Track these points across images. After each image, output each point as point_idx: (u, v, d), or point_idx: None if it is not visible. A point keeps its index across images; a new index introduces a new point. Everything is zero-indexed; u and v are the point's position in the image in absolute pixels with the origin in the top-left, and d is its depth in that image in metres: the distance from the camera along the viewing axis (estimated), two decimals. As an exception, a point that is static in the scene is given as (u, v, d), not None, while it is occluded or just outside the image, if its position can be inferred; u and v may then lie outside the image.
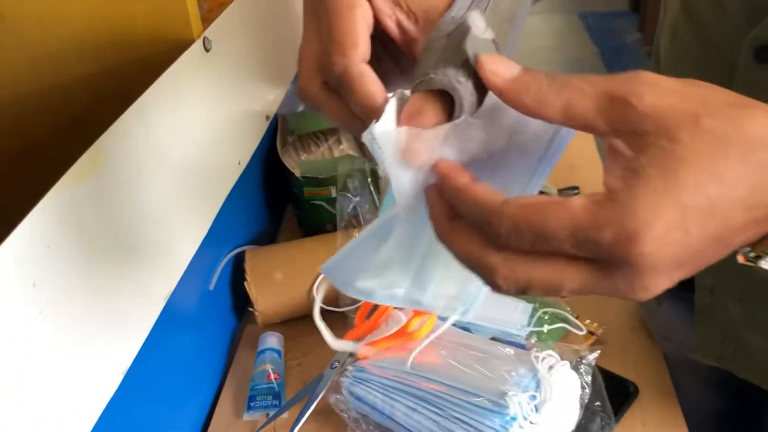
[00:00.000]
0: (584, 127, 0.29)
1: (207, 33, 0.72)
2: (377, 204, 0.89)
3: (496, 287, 0.30)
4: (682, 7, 0.65)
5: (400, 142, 0.33)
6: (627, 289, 0.28)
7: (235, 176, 0.82)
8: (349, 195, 0.88)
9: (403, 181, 0.33)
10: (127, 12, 0.71)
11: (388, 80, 0.36)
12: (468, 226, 0.31)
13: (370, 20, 0.36)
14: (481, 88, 0.33)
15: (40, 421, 0.44)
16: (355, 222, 0.86)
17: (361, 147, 1.02)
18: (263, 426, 0.69)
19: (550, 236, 0.28)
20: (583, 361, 0.65)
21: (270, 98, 0.99)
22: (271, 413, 0.70)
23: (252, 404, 0.71)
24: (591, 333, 0.77)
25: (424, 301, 0.37)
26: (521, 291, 0.30)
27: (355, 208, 0.88)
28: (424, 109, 0.33)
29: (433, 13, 0.36)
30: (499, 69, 0.31)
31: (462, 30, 0.34)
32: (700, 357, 0.66)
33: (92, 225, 0.52)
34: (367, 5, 0.36)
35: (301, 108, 1.15)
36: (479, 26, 0.34)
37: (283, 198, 1.04)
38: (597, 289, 0.29)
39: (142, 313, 0.59)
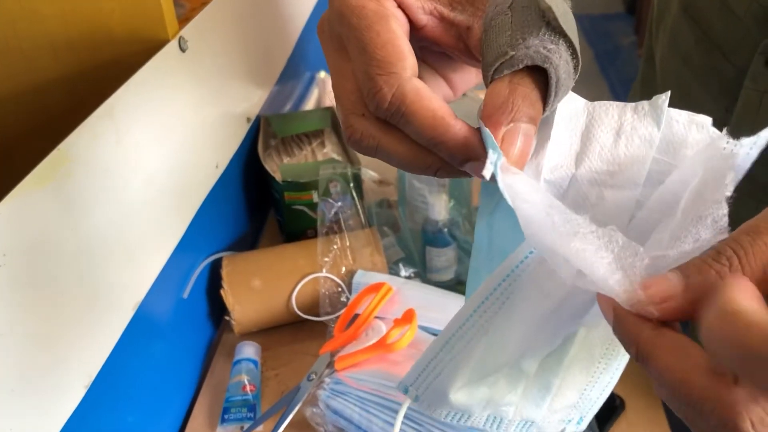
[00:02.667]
0: None
1: (183, 33, 0.70)
2: (359, 209, 0.86)
3: None
4: (683, 11, 0.63)
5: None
6: None
7: (213, 180, 0.80)
8: (330, 200, 0.86)
9: (546, 245, 0.24)
10: (102, 11, 0.69)
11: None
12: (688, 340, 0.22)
13: (406, 26, 0.29)
14: (574, 52, 0.27)
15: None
16: (337, 228, 0.84)
17: (345, 150, 1.00)
18: (237, 439, 0.67)
19: None
20: (567, 375, 0.63)
21: (252, 100, 0.96)
22: (246, 426, 0.68)
23: (226, 417, 0.69)
24: (576, 344, 0.75)
25: (539, 418, 0.29)
26: None
27: (337, 213, 0.86)
28: (518, 91, 0.25)
29: None
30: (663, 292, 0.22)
31: None
32: None
33: (55, 231, 0.49)
34: (399, 11, 0.29)
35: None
36: None
37: (264, 203, 1.02)
38: None
39: (109, 322, 0.57)
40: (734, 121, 0.56)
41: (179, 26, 0.71)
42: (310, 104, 1.28)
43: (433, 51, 0.33)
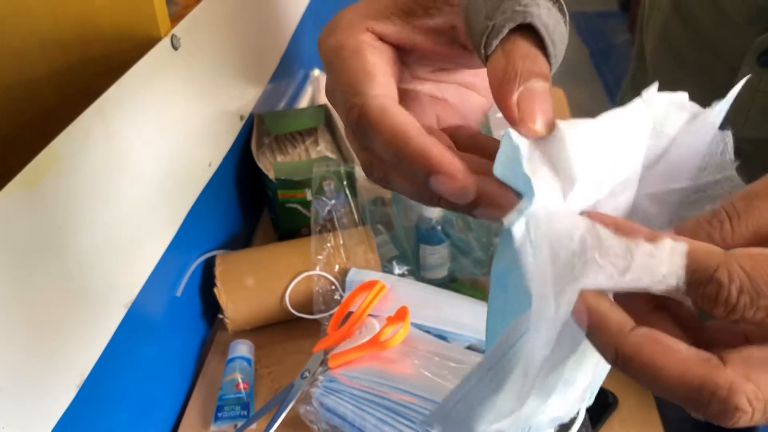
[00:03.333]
0: None
1: (176, 30, 0.70)
2: (353, 207, 0.86)
3: (732, 415, 0.21)
4: (674, 9, 0.63)
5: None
6: None
7: (206, 178, 0.80)
8: (324, 198, 0.85)
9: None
10: (92, 8, 0.69)
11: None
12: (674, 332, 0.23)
13: (388, 54, 0.29)
14: (561, 6, 0.26)
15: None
16: (331, 226, 0.84)
17: (339, 148, 1.00)
18: (231, 438, 0.67)
19: None
20: (560, 372, 0.63)
21: (245, 98, 0.96)
22: (239, 424, 0.68)
23: (219, 414, 0.69)
24: (570, 341, 0.75)
25: (564, 411, 0.28)
26: None
27: (330, 211, 0.86)
28: (515, 54, 0.24)
29: None
30: None
31: None
32: None
33: (45, 230, 0.49)
34: (378, 43, 0.29)
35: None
36: None
37: (258, 201, 1.02)
38: None
39: (101, 320, 0.57)
40: (726, 119, 0.56)
41: (171, 24, 0.71)
42: (303, 102, 1.28)
43: (447, 69, 0.32)
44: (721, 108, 0.26)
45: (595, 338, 0.23)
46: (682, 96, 0.27)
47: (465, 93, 0.33)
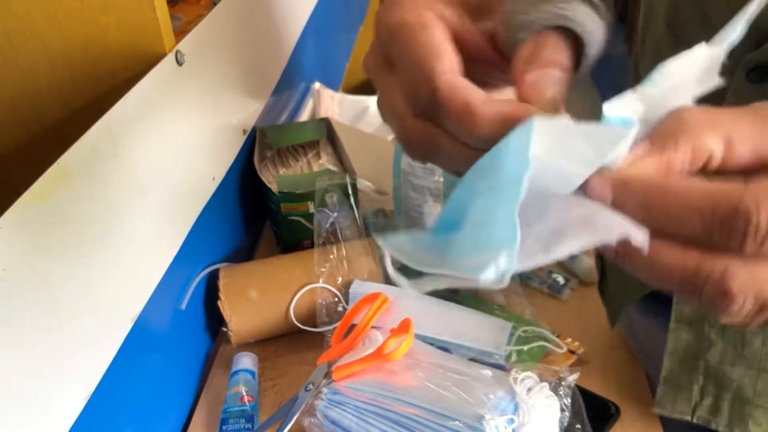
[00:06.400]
0: None
1: (180, 46, 0.71)
2: (357, 220, 0.87)
3: (725, 302, 0.22)
4: (667, 27, 0.64)
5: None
6: None
7: (210, 192, 0.80)
8: (327, 211, 0.86)
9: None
10: (98, 25, 0.69)
11: None
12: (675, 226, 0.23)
13: (449, 33, 0.30)
14: (594, 6, 0.27)
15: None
16: (333, 238, 0.85)
17: (341, 161, 1.01)
18: (235, 450, 0.67)
19: None
20: (563, 383, 0.64)
21: (247, 112, 0.97)
22: (244, 437, 0.68)
23: (224, 427, 0.69)
24: (572, 352, 0.76)
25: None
26: (763, 305, 0.23)
27: (333, 224, 0.86)
28: (542, 43, 0.26)
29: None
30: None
31: None
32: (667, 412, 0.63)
33: (54, 245, 0.50)
34: (441, 22, 0.30)
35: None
36: None
37: (261, 214, 1.02)
38: None
39: (108, 334, 0.57)
40: None
41: (175, 39, 0.72)
42: (305, 115, 1.29)
43: (496, 76, 0.33)
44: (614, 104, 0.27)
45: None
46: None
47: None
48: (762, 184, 0.22)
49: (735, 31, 0.27)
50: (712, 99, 0.58)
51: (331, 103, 1.37)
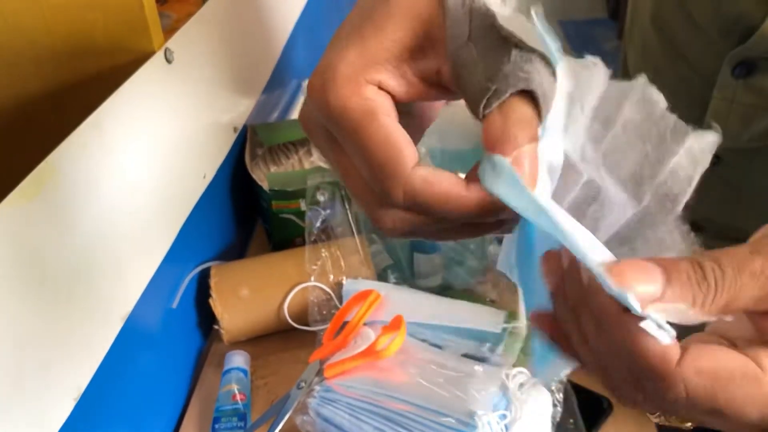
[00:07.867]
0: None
1: (169, 44, 0.70)
2: (349, 218, 0.87)
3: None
4: (652, 22, 0.65)
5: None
6: None
7: (200, 190, 0.80)
8: (318, 208, 0.86)
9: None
10: (86, 22, 0.69)
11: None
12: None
13: (391, 106, 0.29)
14: (547, 61, 0.27)
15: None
16: (325, 236, 0.85)
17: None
18: (228, 449, 0.67)
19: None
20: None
21: (238, 110, 0.97)
22: (236, 435, 0.68)
23: (216, 426, 0.69)
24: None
25: None
26: None
27: (324, 221, 0.86)
28: (512, 118, 0.26)
29: (434, 29, 0.29)
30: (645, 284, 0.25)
31: (481, 19, 0.27)
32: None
33: (43, 244, 0.49)
34: (380, 95, 0.29)
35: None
36: (494, 1, 0.27)
37: (252, 212, 1.02)
38: None
39: (98, 334, 0.57)
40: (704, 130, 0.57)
41: (165, 37, 0.71)
42: (296, 113, 1.29)
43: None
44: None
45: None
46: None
47: (413, 119, 0.34)
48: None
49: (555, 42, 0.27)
50: (699, 96, 0.59)
51: (323, 101, 1.36)
